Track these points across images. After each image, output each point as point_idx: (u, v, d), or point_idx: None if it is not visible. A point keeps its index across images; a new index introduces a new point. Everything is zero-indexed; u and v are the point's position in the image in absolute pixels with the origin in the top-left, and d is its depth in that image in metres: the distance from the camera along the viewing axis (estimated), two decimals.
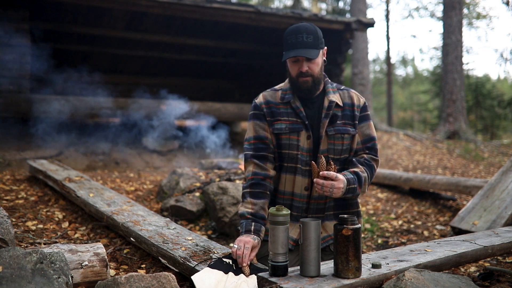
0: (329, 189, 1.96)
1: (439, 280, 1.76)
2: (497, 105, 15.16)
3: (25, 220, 3.48)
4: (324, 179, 1.96)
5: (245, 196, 2.16)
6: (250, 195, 2.14)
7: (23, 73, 6.64)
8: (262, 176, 2.16)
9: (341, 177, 1.99)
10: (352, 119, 2.20)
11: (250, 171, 2.17)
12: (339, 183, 1.97)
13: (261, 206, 2.12)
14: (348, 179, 2.04)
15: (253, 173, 2.16)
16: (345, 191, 2.02)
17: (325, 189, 1.96)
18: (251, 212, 2.09)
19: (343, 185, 1.99)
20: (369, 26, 8.61)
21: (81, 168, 6.65)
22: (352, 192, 2.06)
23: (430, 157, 9.53)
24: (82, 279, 2.11)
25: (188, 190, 4.38)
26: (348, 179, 2.03)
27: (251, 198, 2.13)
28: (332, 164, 1.99)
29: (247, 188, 2.16)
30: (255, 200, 2.12)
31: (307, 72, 2.11)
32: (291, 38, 2.10)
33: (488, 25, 33.86)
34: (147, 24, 8.84)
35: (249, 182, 2.16)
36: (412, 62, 34.92)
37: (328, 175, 1.95)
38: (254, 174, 2.16)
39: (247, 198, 2.14)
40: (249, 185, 2.16)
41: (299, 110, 2.15)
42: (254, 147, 2.19)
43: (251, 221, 2.08)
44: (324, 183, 1.95)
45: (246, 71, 11.21)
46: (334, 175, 1.96)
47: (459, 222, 4.02)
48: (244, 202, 2.15)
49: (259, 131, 2.19)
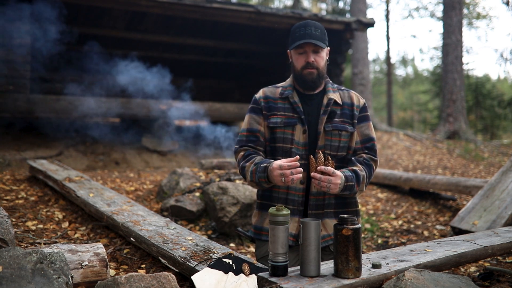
0: (326, 184, 1.96)
1: (439, 280, 1.76)
2: (497, 105, 15.16)
3: (25, 220, 3.48)
4: (322, 174, 1.97)
5: (243, 166, 2.17)
6: (246, 161, 2.17)
7: (23, 73, 6.64)
8: (251, 151, 2.21)
9: (338, 173, 2.00)
10: (351, 118, 2.22)
11: (241, 154, 2.23)
12: (336, 179, 1.98)
13: (260, 158, 2.16)
14: (346, 176, 2.05)
15: (244, 153, 2.21)
16: (342, 188, 2.03)
17: (322, 184, 1.97)
18: (254, 163, 2.12)
19: (341, 181, 2.00)
20: (369, 26, 8.61)
21: (81, 168, 6.65)
22: (349, 189, 2.07)
23: (430, 157, 9.53)
24: (82, 279, 2.11)
25: (188, 190, 4.38)
26: (346, 176, 2.04)
27: (248, 162, 2.16)
28: (330, 160, 2.00)
29: (242, 161, 2.19)
30: (251, 159, 2.15)
31: (313, 63, 2.15)
32: (299, 31, 2.14)
33: (488, 25, 33.93)
34: (147, 24, 8.84)
35: (242, 158, 2.21)
36: (412, 62, 34.96)
37: (325, 170, 1.96)
38: (244, 153, 2.21)
39: (245, 164, 2.16)
40: (243, 158, 2.20)
41: (296, 105, 2.18)
42: (246, 139, 2.24)
43: (260, 164, 2.08)
44: (321, 177, 1.96)
45: (246, 71, 11.21)
46: (332, 170, 1.97)
47: (459, 222, 4.02)
48: (246, 171, 2.15)
49: (253, 124, 2.24)
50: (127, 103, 7.50)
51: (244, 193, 4.00)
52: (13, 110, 6.72)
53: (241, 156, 2.21)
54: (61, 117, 7.57)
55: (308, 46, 2.13)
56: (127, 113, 7.57)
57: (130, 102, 7.53)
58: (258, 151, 2.23)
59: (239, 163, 2.21)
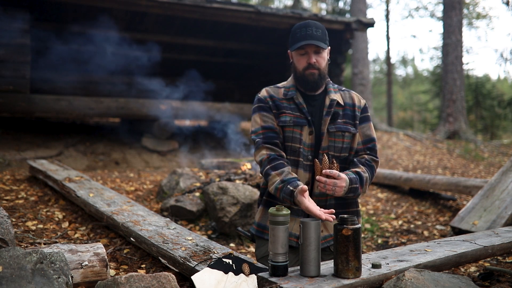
0: (332, 187, 1.97)
1: (439, 280, 1.76)
2: (497, 105, 15.17)
3: (25, 220, 3.48)
4: (327, 177, 1.97)
5: (268, 173, 2.07)
6: (273, 169, 2.06)
7: (23, 73, 6.64)
8: (277, 153, 2.11)
9: (343, 176, 2.00)
10: (352, 119, 2.22)
11: (264, 154, 2.11)
12: (342, 182, 1.99)
13: (287, 171, 2.05)
14: (351, 178, 2.05)
15: (268, 154, 2.10)
16: (347, 190, 2.03)
17: (327, 187, 1.97)
18: (281, 180, 2.02)
19: (346, 184, 2.01)
20: (369, 26, 8.61)
21: (81, 168, 6.65)
22: (353, 191, 2.07)
23: (430, 157, 9.53)
24: (82, 279, 2.11)
25: (188, 190, 4.38)
26: (350, 179, 2.04)
27: (275, 171, 2.05)
28: (335, 163, 2.01)
29: (267, 166, 2.08)
30: (279, 170, 2.05)
31: (315, 64, 2.13)
32: (300, 32, 2.12)
33: (488, 25, 33.88)
34: (147, 24, 8.84)
35: (266, 161, 2.09)
36: (412, 62, 34.93)
37: (331, 174, 1.96)
38: (268, 154, 2.10)
39: (271, 173, 2.06)
40: (268, 162, 2.09)
41: (302, 106, 2.17)
42: (263, 136, 2.15)
43: (287, 184, 1.99)
44: (326, 181, 1.96)
45: (246, 71, 11.21)
46: (337, 173, 1.97)
47: (459, 222, 4.02)
48: (270, 180, 2.06)
49: (268, 121, 2.17)
50: (126, 103, 7.50)
51: (244, 193, 4.00)
52: (13, 110, 6.72)
53: (266, 158, 2.10)
54: (61, 117, 7.57)
55: (309, 47, 2.12)
56: (127, 113, 7.57)
57: (129, 102, 7.53)
58: (280, 149, 2.14)
59: (263, 166, 2.10)
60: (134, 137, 7.96)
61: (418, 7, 26.72)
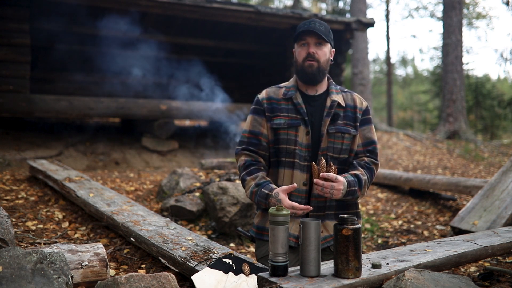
0: (329, 190, 1.97)
1: (439, 280, 1.76)
2: (497, 105, 15.16)
3: (25, 220, 3.48)
4: (324, 180, 1.97)
5: (244, 179, 2.20)
6: (248, 174, 2.18)
7: (23, 73, 6.64)
8: (254, 159, 2.22)
9: (341, 179, 2.00)
10: (353, 120, 2.22)
11: (242, 160, 2.24)
12: (339, 185, 1.99)
13: (261, 176, 2.16)
14: (349, 181, 2.05)
15: (244, 160, 2.22)
16: (345, 193, 2.03)
17: (325, 190, 1.98)
18: (256, 183, 2.13)
19: (343, 187, 2.01)
20: (369, 26, 8.61)
21: (81, 168, 6.65)
22: (352, 194, 2.07)
23: (430, 157, 9.53)
24: (82, 279, 2.11)
25: (188, 190, 4.38)
26: (348, 181, 2.04)
27: (249, 176, 2.17)
28: (333, 166, 2.00)
29: (243, 172, 2.20)
30: (253, 175, 2.16)
31: (314, 54, 2.15)
32: (304, 25, 2.16)
33: (488, 25, 33.86)
34: (147, 24, 8.83)
35: (242, 167, 2.21)
36: (412, 62, 34.92)
37: (328, 177, 1.96)
38: (245, 161, 2.22)
39: (247, 178, 2.17)
40: (244, 168, 2.21)
41: (300, 107, 2.17)
42: (247, 141, 2.24)
43: (261, 188, 2.10)
44: (324, 184, 1.96)
45: (246, 71, 11.20)
46: (334, 176, 1.97)
47: (459, 222, 4.02)
48: (246, 185, 2.18)
49: (256, 126, 2.23)
50: (126, 103, 7.49)
51: (244, 193, 4.00)
52: (13, 110, 6.71)
53: (242, 164, 2.22)
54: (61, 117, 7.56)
55: (310, 37, 2.14)
56: (127, 113, 7.56)
57: (129, 102, 7.53)
58: (259, 156, 2.22)
59: (240, 172, 2.23)
60: (134, 137, 7.96)
61: (418, 7, 26.69)
